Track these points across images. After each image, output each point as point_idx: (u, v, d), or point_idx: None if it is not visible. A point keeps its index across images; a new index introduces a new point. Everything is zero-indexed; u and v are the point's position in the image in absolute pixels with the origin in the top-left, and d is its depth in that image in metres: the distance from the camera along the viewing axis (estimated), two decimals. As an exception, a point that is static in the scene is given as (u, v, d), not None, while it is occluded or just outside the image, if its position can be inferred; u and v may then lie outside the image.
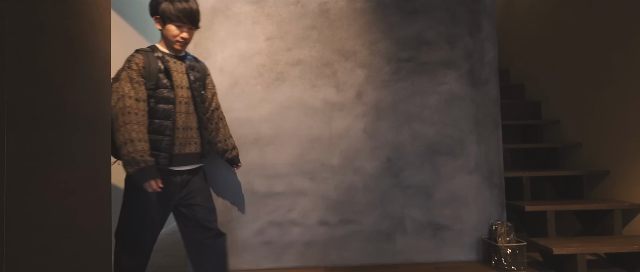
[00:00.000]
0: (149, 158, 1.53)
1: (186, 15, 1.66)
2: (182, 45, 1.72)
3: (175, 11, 1.64)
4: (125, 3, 3.40)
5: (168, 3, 1.65)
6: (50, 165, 1.61)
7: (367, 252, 2.49)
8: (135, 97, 1.56)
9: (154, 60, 1.66)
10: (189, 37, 1.72)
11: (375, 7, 2.56)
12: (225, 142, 2.00)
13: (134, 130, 1.51)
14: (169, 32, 1.69)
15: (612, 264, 2.43)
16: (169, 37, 1.70)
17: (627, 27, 2.62)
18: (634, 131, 2.57)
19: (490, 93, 2.58)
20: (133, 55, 1.66)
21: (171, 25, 1.67)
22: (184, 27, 1.69)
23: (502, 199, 2.57)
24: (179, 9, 1.64)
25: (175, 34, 1.68)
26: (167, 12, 1.65)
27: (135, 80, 1.59)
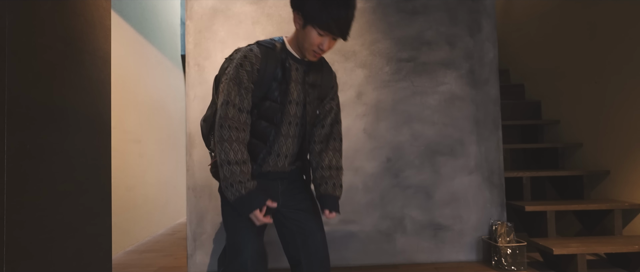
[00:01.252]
0: (251, 183, 1.22)
1: (339, 27, 1.21)
2: (318, 57, 1.31)
3: (327, 18, 1.18)
4: (125, 3, 3.40)
5: (320, 4, 1.19)
6: (51, 165, 1.61)
7: (367, 253, 2.49)
8: (239, 106, 1.24)
9: (273, 62, 1.29)
10: (330, 48, 1.30)
11: (375, 7, 2.56)
12: (323, 170, 1.41)
13: (233, 150, 1.21)
14: (308, 38, 1.24)
15: (612, 264, 2.43)
16: (305, 42, 1.26)
17: (627, 27, 2.62)
18: (634, 131, 2.57)
19: (490, 93, 2.58)
20: (251, 50, 1.28)
21: (314, 31, 1.22)
22: (329, 37, 1.24)
23: (502, 199, 2.57)
24: (332, 17, 1.18)
25: (316, 43, 1.24)
26: (315, 16, 1.20)
27: (244, 85, 1.25)
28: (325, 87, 1.42)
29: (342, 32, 1.23)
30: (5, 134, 1.35)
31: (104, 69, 2.03)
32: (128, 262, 2.82)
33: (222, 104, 1.24)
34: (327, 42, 1.25)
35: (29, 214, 1.47)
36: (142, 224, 3.60)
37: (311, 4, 1.20)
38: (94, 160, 1.90)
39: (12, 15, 1.41)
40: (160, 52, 4.25)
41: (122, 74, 3.26)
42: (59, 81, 1.66)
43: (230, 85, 1.24)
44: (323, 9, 1.18)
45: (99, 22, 1.99)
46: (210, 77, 2.51)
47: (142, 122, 3.68)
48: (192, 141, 2.52)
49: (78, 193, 1.77)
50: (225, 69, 1.33)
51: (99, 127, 1.96)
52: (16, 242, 1.39)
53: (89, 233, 1.85)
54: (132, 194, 3.42)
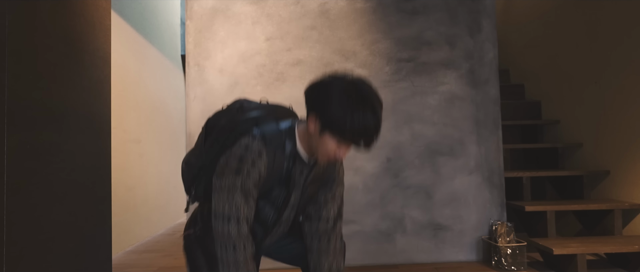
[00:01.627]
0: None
1: (364, 137, 0.99)
2: (330, 161, 1.12)
3: (350, 127, 0.96)
4: (125, 3, 3.40)
5: (345, 110, 0.96)
6: (51, 165, 1.61)
7: (367, 253, 2.49)
8: (246, 217, 1.05)
9: (280, 162, 1.10)
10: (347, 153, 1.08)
11: (375, 8, 2.56)
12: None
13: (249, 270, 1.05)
14: (325, 145, 1.02)
15: (612, 264, 2.43)
16: (320, 148, 1.04)
17: (627, 27, 2.62)
18: (634, 131, 2.57)
19: (490, 93, 2.58)
20: (261, 151, 1.06)
21: (333, 140, 1.00)
22: (348, 146, 1.02)
23: (502, 199, 2.57)
24: (357, 128, 0.96)
25: (332, 152, 1.03)
26: (337, 124, 0.97)
27: (251, 193, 1.06)
28: (328, 176, 1.25)
29: (368, 143, 1.00)
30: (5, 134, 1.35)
31: (104, 69, 2.03)
32: (128, 262, 2.82)
33: (228, 218, 1.04)
34: (346, 150, 1.03)
35: (29, 214, 1.47)
36: (142, 224, 3.60)
37: (335, 110, 0.97)
38: (94, 160, 1.90)
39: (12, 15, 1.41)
40: (160, 52, 4.25)
41: (122, 74, 3.26)
42: (59, 81, 1.66)
43: (235, 196, 1.04)
44: (348, 116, 0.96)
45: (99, 22, 2.00)
46: (210, 77, 2.51)
47: (142, 122, 3.68)
48: (192, 141, 2.52)
49: (78, 193, 1.77)
50: (221, 143, 1.11)
51: (99, 127, 1.96)
52: (16, 242, 1.39)
53: (89, 233, 1.85)
54: (132, 194, 3.42)
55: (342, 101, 0.97)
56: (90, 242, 1.86)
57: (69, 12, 1.74)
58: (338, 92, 0.98)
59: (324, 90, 1.01)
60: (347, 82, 1.00)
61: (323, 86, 1.01)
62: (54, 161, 1.61)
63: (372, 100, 0.98)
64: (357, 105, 0.96)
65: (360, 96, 0.98)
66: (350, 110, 0.96)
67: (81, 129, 1.81)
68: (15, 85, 1.42)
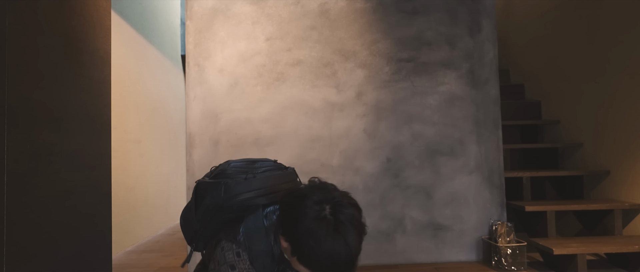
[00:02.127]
0: None
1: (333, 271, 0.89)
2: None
3: (316, 261, 0.88)
4: (125, 3, 3.41)
5: (312, 240, 0.86)
6: (51, 165, 1.61)
7: (367, 253, 2.48)
8: None
9: (269, 268, 1.03)
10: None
11: (375, 8, 2.56)
12: None
13: None
14: (297, 267, 0.94)
15: (612, 264, 2.43)
16: (295, 267, 0.95)
17: (627, 27, 2.62)
18: (634, 131, 2.57)
19: (490, 93, 2.58)
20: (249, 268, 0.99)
21: (302, 266, 0.92)
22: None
23: (502, 199, 2.57)
24: (323, 262, 0.87)
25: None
26: (304, 254, 0.89)
27: None
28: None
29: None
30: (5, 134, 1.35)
31: (104, 69, 2.04)
32: (128, 262, 2.82)
33: None
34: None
35: (29, 214, 1.47)
36: (142, 224, 3.60)
37: (302, 238, 0.88)
38: (94, 160, 1.90)
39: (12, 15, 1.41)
40: (160, 52, 4.25)
41: (122, 74, 3.26)
42: (59, 81, 1.66)
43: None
44: (314, 248, 0.86)
45: (99, 22, 2.00)
46: (211, 77, 2.51)
47: (142, 123, 3.68)
48: (192, 141, 2.52)
49: (78, 193, 1.77)
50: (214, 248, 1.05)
51: (99, 127, 1.96)
52: (16, 242, 1.39)
53: (89, 233, 1.85)
54: (132, 194, 3.42)
55: (310, 230, 0.86)
56: (90, 242, 1.86)
57: (69, 12, 1.74)
58: (310, 218, 0.87)
59: (296, 211, 0.90)
60: (322, 206, 0.88)
61: (297, 205, 0.90)
62: (54, 161, 1.61)
63: (346, 231, 0.86)
64: (327, 236, 0.85)
65: (334, 224, 0.86)
66: (317, 242, 0.85)
67: (81, 129, 1.81)
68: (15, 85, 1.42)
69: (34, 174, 1.51)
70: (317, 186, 0.96)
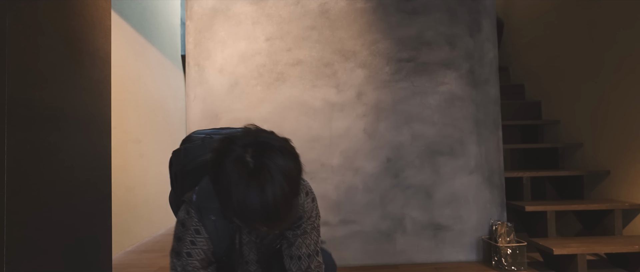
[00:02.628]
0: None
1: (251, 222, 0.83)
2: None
3: (232, 211, 0.81)
4: (125, 4, 3.41)
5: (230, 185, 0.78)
6: (51, 165, 1.61)
7: (367, 253, 2.49)
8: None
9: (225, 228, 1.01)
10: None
11: (375, 8, 2.56)
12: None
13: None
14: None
15: (612, 264, 2.43)
16: None
17: (627, 27, 2.62)
18: (634, 131, 2.56)
19: (490, 93, 2.58)
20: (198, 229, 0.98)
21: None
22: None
23: (502, 199, 2.57)
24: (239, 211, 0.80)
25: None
26: (224, 203, 0.83)
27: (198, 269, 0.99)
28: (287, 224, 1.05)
29: (264, 225, 0.83)
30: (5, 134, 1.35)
31: (104, 69, 2.04)
32: (128, 262, 2.82)
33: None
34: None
35: (29, 214, 1.47)
36: (143, 225, 3.60)
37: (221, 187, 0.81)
38: (94, 160, 1.90)
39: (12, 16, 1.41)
40: (160, 52, 4.25)
41: (122, 74, 3.26)
42: (59, 81, 1.66)
43: (174, 261, 0.97)
44: (230, 196, 0.79)
45: (99, 22, 2.00)
46: (211, 77, 2.51)
47: (142, 123, 3.68)
48: (192, 141, 2.52)
49: (78, 193, 1.77)
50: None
51: (99, 127, 1.96)
52: (16, 242, 1.39)
53: (89, 233, 1.85)
54: (133, 194, 3.42)
55: (227, 171, 0.78)
56: (90, 242, 1.86)
57: (69, 12, 1.74)
58: (230, 159, 0.79)
59: (221, 154, 0.82)
60: (245, 149, 0.80)
61: (223, 148, 0.82)
62: (54, 161, 1.61)
63: (265, 178, 0.77)
64: (240, 180, 0.77)
65: (252, 169, 0.78)
66: (231, 185, 0.78)
67: (81, 129, 1.81)
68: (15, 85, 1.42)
69: (34, 174, 1.51)
70: (251, 131, 0.86)
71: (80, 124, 1.80)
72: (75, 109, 1.77)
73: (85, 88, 1.85)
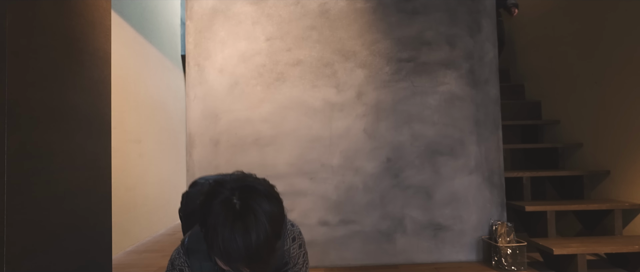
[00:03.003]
0: None
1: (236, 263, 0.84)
2: None
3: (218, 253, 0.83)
4: (125, 4, 3.41)
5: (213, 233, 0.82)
6: (51, 165, 1.61)
7: (367, 253, 2.49)
8: None
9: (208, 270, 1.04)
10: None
11: (375, 8, 2.56)
12: None
13: None
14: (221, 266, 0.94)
15: (612, 264, 2.43)
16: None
17: (627, 27, 2.62)
18: (634, 131, 2.57)
19: (490, 93, 2.58)
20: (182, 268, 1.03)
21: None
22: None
23: (502, 199, 2.57)
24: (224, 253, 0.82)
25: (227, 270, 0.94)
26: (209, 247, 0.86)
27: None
28: (278, 257, 1.09)
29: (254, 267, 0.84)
30: (5, 134, 1.35)
31: (104, 69, 2.04)
32: (128, 262, 2.82)
33: None
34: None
35: (29, 214, 1.47)
36: (143, 224, 3.60)
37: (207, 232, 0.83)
38: (94, 160, 1.90)
39: (12, 16, 1.41)
40: (160, 52, 4.25)
41: (122, 74, 3.26)
42: (59, 81, 1.66)
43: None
44: (215, 240, 0.81)
45: (99, 23, 2.00)
46: (211, 77, 2.52)
47: (142, 122, 3.68)
48: (192, 140, 2.52)
49: (78, 193, 1.77)
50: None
51: (99, 127, 1.96)
52: (16, 242, 1.39)
53: (89, 233, 1.85)
54: (133, 194, 3.42)
55: (214, 212, 0.82)
56: (90, 242, 1.86)
57: (69, 12, 1.74)
58: (217, 201, 0.84)
59: (210, 197, 0.86)
60: (233, 192, 0.84)
61: (212, 191, 0.87)
62: (54, 161, 1.61)
63: (250, 221, 0.80)
64: (226, 221, 0.80)
65: (238, 211, 0.81)
66: (217, 225, 0.81)
67: (81, 129, 1.81)
68: (16, 85, 1.42)
69: (34, 174, 1.51)
70: (240, 176, 0.91)
71: (80, 124, 1.80)
72: (75, 109, 1.77)
73: (85, 88, 1.85)
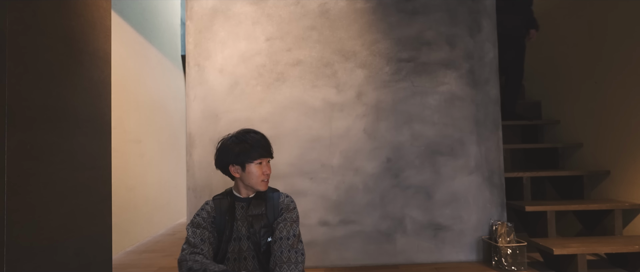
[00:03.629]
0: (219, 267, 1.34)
1: (263, 147, 1.44)
2: (267, 182, 1.48)
3: (252, 148, 1.41)
4: (125, 4, 3.41)
5: (240, 145, 1.41)
6: (51, 165, 1.61)
7: (367, 253, 2.49)
8: (195, 243, 1.40)
9: (225, 205, 1.49)
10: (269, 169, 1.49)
11: (375, 8, 2.56)
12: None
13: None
14: (251, 174, 1.43)
15: (612, 264, 2.43)
16: (252, 179, 1.44)
17: (628, 27, 2.62)
18: (634, 131, 2.56)
19: (490, 93, 2.58)
20: (204, 206, 1.48)
21: (253, 165, 1.42)
22: (265, 161, 1.45)
23: (503, 199, 2.57)
24: (255, 145, 1.42)
25: (259, 172, 1.43)
26: (245, 153, 1.41)
27: (200, 225, 1.44)
28: (271, 215, 1.49)
29: (269, 149, 1.48)
30: (5, 134, 1.36)
31: (105, 69, 2.04)
32: (128, 262, 2.82)
33: (183, 247, 1.40)
34: (267, 166, 1.46)
35: (29, 214, 1.47)
36: (143, 225, 3.60)
37: (236, 151, 1.42)
38: (94, 160, 1.90)
39: (12, 16, 1.41)
40: (160, 52, 4.25)
41: (122, 74, 3.26)
42: (59, 81, 1.67)
43: (188, 230, 1.43)
44: (245, 145, 1.42)
45: (99, 23, 2.00)
46: (211, 77, 2.52)
47: (142, 123, 3.68)
48: (192, 141, 2.52)
49: (78, 193, 1.77)
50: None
51: (99, 127, 1.96)
52: (17, 242, 1.39)
53: (89, 233, 1.85)
54: (133, 194, 3.42)
55: (234, 144, 1.43)
56: (90, 242, 1.86)
57: (69, 12, 1.74)
58: (229, 144, 1.44)
59: (223, 151, 1.45)
60: (228, 137, 1.47)
61: (220, 150, 1.46)
62: (54, 161, 1.61)
63: (248, 130, 1.48)
64: (242, 137, 1.44)
65: (240, 133, 1.46)
66: (242, 142, 1.43)
67: (81, 129, 1.81)
68: (16, 85, 1.42)
69: (34, 174, 1.51)
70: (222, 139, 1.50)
71: (80, 124, 1.80)
72: (75, 109, 1.77)
73: (85, 88, 1.85)
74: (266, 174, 1.45)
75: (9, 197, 1.36)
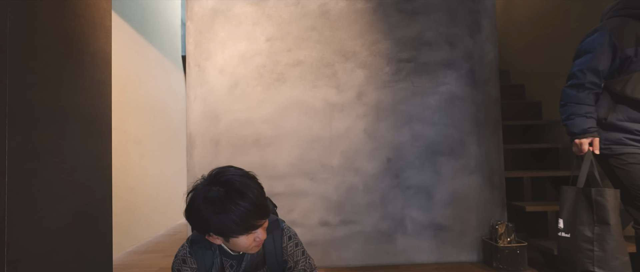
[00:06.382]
0: None
1: (252, 220, 1.05)
2: (261, 244, 1.16)
3: (237, 226, 1.04)
4: (126, 4, 3.41)
5: (217, 214, 1.03)
6: (52, 166, 1.61)
7: (367, 253, 2.49)
8: None
9: (209, 259, 1.21)
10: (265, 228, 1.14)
11: (375, 8, 2.56)
12: None
13: None
14: (239, 244, 1.10)
15: (612, 264, 2.42)
16: (239, 247, 1.13)
17: (627, 27, 2.62)
18: (635, 131, 2.56)
19: (490, 93, 2.58)
20: (185, 258, 1.21)
21: (238, 237, 1.08)
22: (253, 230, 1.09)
23: (503, 199, 2.57)
24: (241, 221, 1.03)
25: (249, 243, 1.10)
26: (228, 231, 1.06)
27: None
28: (273, 259, 1.27)
29: (265, 212, 1.08)
30: (6, 134, 1.36)
31: (105, 70, 2.04)
32: (129, 262, 2.82)
33: None
34: (261, 230, 1.11)
35: (30, 214, 1.47)
36: (143, 225, 3.60)
37: (217, 224, 1.04)
38: (94, 161, 1.91)
39: (13, 16, 1.41)
40: (160, 53, 4.26)
41: (122, 75, 3.27)
42: (59, 82, 1.67)
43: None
44: (228, 220, 1.02)
45: (100, 23, 2.00)
46: (211, 78, 2.52)
47: (142, 123, 3.68)
48: (192, 141, 2.52)
49: (79, 193, 1.77)
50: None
51: (99, 127, 1.96)
52: (17, 242, 1.40)
53: (89, 233, 1.85)
54: (133, 194, 3.42)
55: (211, 214, 1.03)
56: (91, 243, 1.87)
57: (69, 13, 1.75)
58: (203, 210, 1.04)
59: (196, 215, 1.07)
60: (200, 193, 1.06)
61: (194, 211, 1.07)
62: (54, 162, 1.61)
63: (232, 192, 1.03)
64: (222, 204, 1.02)
65: (221, 196, 1.03)
66: (222, 213, 1.02)
67: (82, 130, 1.81)
68: (16, 85, 1.42)
69: (34, 174, 1.51)
70: (205, 179, 1.13)
71: (80, 125, 1.81)
72: (75, 110, 1.77)
73: (85, 89, 1.86)
74: (259, 240, 1.11)
75: (10, 198, 1.37)
